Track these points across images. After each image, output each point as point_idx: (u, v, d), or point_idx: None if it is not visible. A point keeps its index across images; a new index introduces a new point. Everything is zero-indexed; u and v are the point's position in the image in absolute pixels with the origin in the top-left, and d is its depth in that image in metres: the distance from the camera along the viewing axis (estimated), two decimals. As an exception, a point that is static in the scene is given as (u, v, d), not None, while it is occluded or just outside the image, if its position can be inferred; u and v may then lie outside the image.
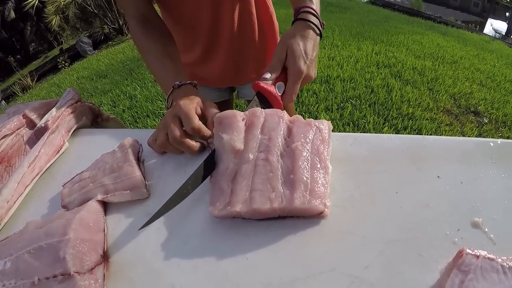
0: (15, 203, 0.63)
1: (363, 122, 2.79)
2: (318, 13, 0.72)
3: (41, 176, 0.69)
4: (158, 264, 0.48)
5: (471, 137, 0.59)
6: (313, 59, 0.68)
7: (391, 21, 6.38)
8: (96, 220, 0.53)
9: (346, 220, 0.49)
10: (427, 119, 2.90)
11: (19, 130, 0.76)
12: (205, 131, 0.60)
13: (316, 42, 0.69)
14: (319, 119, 0.58)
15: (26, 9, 9.51)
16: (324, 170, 0.51)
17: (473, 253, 0.39)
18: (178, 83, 0.68)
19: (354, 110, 2.96)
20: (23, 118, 0.78)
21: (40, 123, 0.74)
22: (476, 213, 0.47)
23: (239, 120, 0.57)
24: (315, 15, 0.70)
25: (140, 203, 0.58)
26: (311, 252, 0.46)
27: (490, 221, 0.46)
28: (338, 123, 2.75)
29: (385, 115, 2.90)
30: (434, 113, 3.02)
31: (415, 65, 3.95)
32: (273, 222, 0.50)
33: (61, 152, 0.74)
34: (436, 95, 3.32)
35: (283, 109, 0.63)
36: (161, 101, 3.48)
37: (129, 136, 0.67)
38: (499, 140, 0.57)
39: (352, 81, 3.47)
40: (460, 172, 0.52)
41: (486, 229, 0.45)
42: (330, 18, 6.29)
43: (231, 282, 0.44)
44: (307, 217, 0.49)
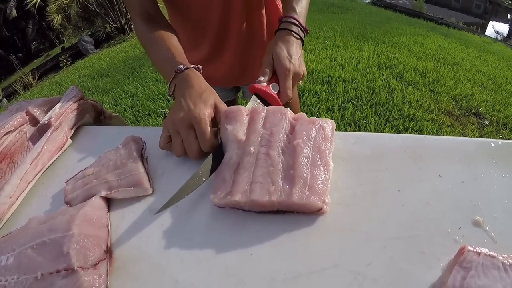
0: (17, 199, 0.63)
1: (364, 122, 2.78)
2: (301, 20, 0.79)
3: (43, 172, 0.69)
4: (162, 260, 0.48)
5: (472, 138, 0.59)
6: (297, 58, 0.74)
7: (393, 22, 6.37)
8: (100, 216, 0.53)
9: (349, 217, 0.49)
10: (428, 120, 2.90)
11: (22, 127, 0.77)
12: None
13: (298, 44, 0.76)
14: (323, 118, 0.59)
15: (28, 7, 9.50)
16: (324, 168, 0.52)
17: (474, 250, 0.39)
18: (181, 67, 0.67)
19: (356, 110, 2.96)
20: (26, 115, 0.78)
21: (43, 120, 0.74)
22: (477, 212, 0.47)
23: (244, 114, 0.60)
24: (295, 23, 0.77)
25: (143, 199, 0.58)
26: (314, 248, 0.46)
27: (491, 220, 0.46)
28: (339, 124, 2.74)
29: (387, 116, 2.90)
30: (435, 115, 3.01)
31: (416, 66, 3.93)
32: (276, 219, 0.50)
33: (64, 149, 0.74)
34: (438, 97, 3.31)
35: (282, 104, 0.69)
36: (162, 100, 3.48)
37: (132, 134, 0.68)
38: (500, 141, 0.57)
39: (354, 81, 3.46)
40: (461, 172, 0.53)
41: (487, 228, 0.45)
42: (332, 18, 6.28)
43: (235, 278, 0.45)
44: (308, 214, 0.50)
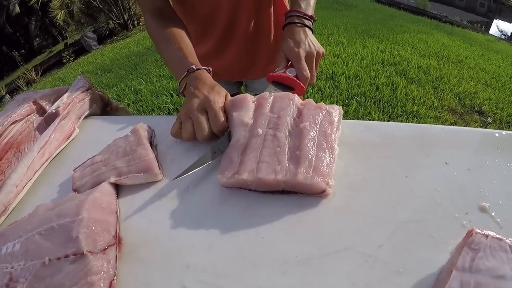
0: (23, 188, 0.63)
1: (368, 119, 2.77)
2: (308, 12, 0.82)
3: (50, 162, 0.69)
4: (172, 245, 0.48)
5: (477, 128, 0.59)
6: (305, 41, 0.77)
7: (397, 19, 6.33)
8: (109, 202, 0.53)
9: (359, 201, 0.50)
10: (431, 117, 2.89)
11: (29, 117, 0.77)
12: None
13: (303, 31, 0.79)
14: (330, 104, 0.60)
15: (31, 3, 9.50)
16: (329, 151, 0.53)
17: (482, 233, 0.40)
18: (194, 67, 0.68)
19: (359, 107, 2.95)
20: (34, 105, 0.79)
21: (51, 109, 0.75)
22: (483, 198, 0.48)
23: (249, 100, 0.62)
24: (297, 15, 0.80)
25: (153, 185, 0.58)
26: (325, 231, 0.47)
27: (497, 206, 0.47)
28: (342, 120, 2.73)
29: (390, 113, 2.89)
30: (439, 112, 3.00)
31: (420, 63, 3.91)
32: (287, 203, 0.51)
33: (71, 138, 0.74)
34: (441, 94, 3.30)
35: (305, 86, 0.72)
36: (166, 95, 3.48)
37: (141, 122, 0.68)
38: (504, 132, 0.58)
39: (357, 78, 3.45)
40: (467, 160, 0.54)
41: (493, 214, 0.46)
42: (335, 15, 6.26)
43: (247, 261, 0.45)
44: (313, 196, 0.51)
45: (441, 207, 0.47)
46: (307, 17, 0.81)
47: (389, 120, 2.77)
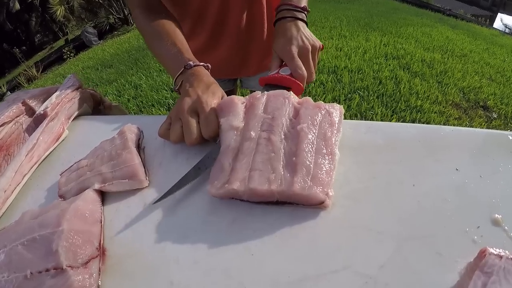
0: (12, 192, 0.60)
1: (371, 113, 2.75)
2: (300, 3, 0.76)
3: (39, 165, 0.67)
4: (156, 259, 0.45)
5: (489, 129, 0.55)
6: (298, 36, 0.71)
7: (400, 12, 6.29)
8: (93, 211, 0.50)
9: (360, 213, 0.45)
10: (435, 112, 2.86)
11: (18, 118, 0.74)
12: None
13: (294, 24, 0.73)
14: (330, 103, 0.56)
15: (30, 0, 9.50)
16: (330, 157, 0.48)
17: (496, 253, 0.36)
18: (191, 63, 0.65)
19: (362, 101, 2.92)
20: (23, 106, 0.76)
21: (39, 110, 0.72)
22: (495, 210, 0.43)
23: (238, 103, 0.57)
24: (287, 9, 0.75)
25: (139, 192, 0.55)
26: (322, 248, 0.42)
27: (510, 219, 0.42)
28: (345, 114, 2.70)
29: (393, 107, 2.86)
30: (443, 107, 2.97)
31: (424, 57, 3.88)
32: (280, 215, 0.47)
33: (60, 140, 0.72)
34: (445, 88, 3.26)
35: (303, 85, 0.66)
36: (166, 90, 3.47)
37: (131, 123, 0.65)
38: (517, 134, 0.54)
39: (360, 72, 3.42)
40: (479, 165, 0.49)
41: (506, 227, 0.41)
42: (338, 8, 6.23)
43: (235, 280, 0.41)
44: (311, 208, 0.46)
45: (450, 220, 0.43)
46: (299, 9, 0.75)
47: (393, 115, 2.75)
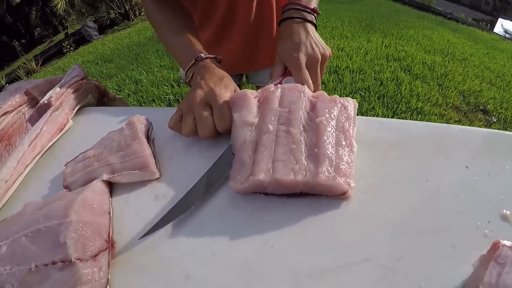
0: (14, 183, 0.59)
1: (372, 114, 2.76)
2: (310, 4, 0.70)
3: (42, 155, 0.66)
4: (170, 252, 0.44)
5: (496, 130, 0.56)
6: (306, 42, 0.66)
7: (401, 14, 6.30)
8: (101, 202, 0.49)
9: (377, 207, 0.46)
10: (435, 114, 2.87)
11: (20, 107, 0.73)
12: None
13: (303, 28, 0.67)
14: (344, 97, 0.55)
15: (31, -8, 9.45)
16: (349, 148, 0.49)
17: (509, 245, 0.37)
18: (202, 55, 0.63)
19: (363, 101, 2.93)
20: (25, 95, 0.75)
21: (43, 99, 0.71)
22: (504, 206, 0.44)
23: (250, 97, 0.55)
24: (296, 8, 0.69)
25: (149, 184, 0.54)
26: (341, 240, 0.43)
27: None
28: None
29: (394, 108, 2.86)
30: (443, 109, 2.98)
31: (425, 60, 3.89)
32: (299, 207, 0.46)
33: (64, 130, 0.70)
34: (446, 91, 3.27)
35: None
36: (166, 86, 3.46)
37: (137, 114, 0.63)
38: (524, 135, 0.54)
39: (361, 72, 3.43)
40: (487, 164, 0.50)
41: None
42: (340, 9, 6.23)
43: (254, 273, 0.41)
44: (331, 199, 0.46)
45: (462, 215, 0.44)
46: (309, 10, 0.70)
47: (393, 116, 2.76)
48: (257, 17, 0.94)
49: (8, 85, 0.80)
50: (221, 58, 0.67)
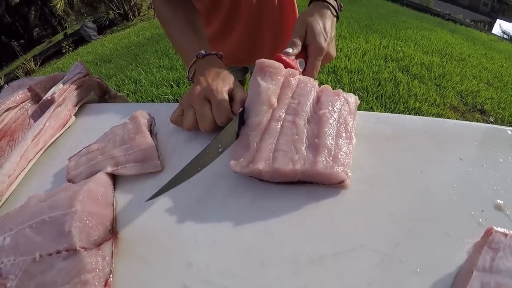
0: (17, 178, 0.60)
1: (370, 114, 2.75)
2: (338, 1, 0.72)
3: (45, 150, 0.67)
4: (173, 240, 0.45)
5: (490, 124, 0.57)
6: (332, 37, 0.67)
7: (400, 15, 6.31)
8: (105, 194, 0.50)
9: (374, 196, 0.47)
10: (433, 114, 2.89)
11: (23, 104, 0.74)
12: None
13: (333, 22, 0.69)
14: (347, 92, 0.57)
15: (30, -8, 9.44)
16: (348, 140, 0.51)
17: (501, 231, 0.39)
18: (203, 52, 0.65)
19: (361, 101, 2.94)
20: (29, 92, 0.76)
21: (47, 95, 0.71)
22: (498, 196, 0.46)
23: (281, 73, 0.56)
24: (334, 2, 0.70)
25: (152, 176, 0.55)
26: (340, 227, 0.44)
27: None
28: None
29: (392, 108, 2.88)
30: (441, 109, 3.00)
31: (423, 60, 3.91)
32: (298, 196, 0.48)
33: (67, 126, 0.71)
34: (443, 91, 3.29)
35: None
36: (166, 86, 3.46)
37: (140, 110, 0.65)
38: (516, 129, 0.56)
39: (360, 73, 3.44)
40: (481, 156, 0.52)
41: (507, 212, 0.44)
42: (338, 10, 6.23)
43: (255, 259, 0.42)
44: (330, 188, 0.48)
45: (457, 204, 0.45)
46: (338, 4, 0.72)
47: (391, 116, 2.75)
48: (259, 11, 0.95)
49: (7, 85, 0.81)
50: (222, 54, 0.68)
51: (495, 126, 0.57)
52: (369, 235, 0.43)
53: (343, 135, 0.51)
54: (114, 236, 0.47)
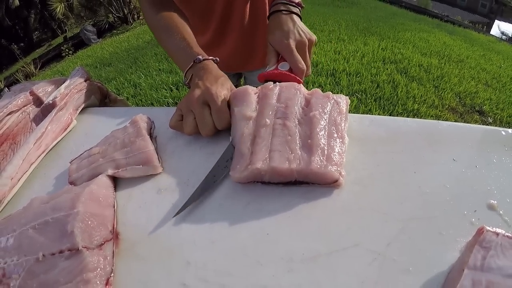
0: (19, 180, 0.61)
1: (369, 116, 2.76)
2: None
3: (47, 154, 0.67)
4: (172, 241, 0.47)
5: (483, 126, 0.58)
6: (294, 29, 0.72)
7: (398, 17, 6.33)
8: (106, 195, 0.51)
9: (367, 197, 0.48)
10: (432, 116, 2.89)
11: (25, 107, 0.75)
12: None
13: (289, 18, 0.73)
14: (337, 94, 0.59)
15: (30, -4, 9.47)
16: (340, 140, 0.52)
17: (493, 230, 0.39)
18: (200, 57, 0.66)
19: (360, 104, 2.95)
20: (30, 95, 0.76)
21: (48, 99, 0.72)
22: (491, 196, 0.46)
23: (251, 93, 0.59)
24: (282, 2, 0.76)
25: (152, 178, 0.56)
26: (333, 227, 0.45)
27: (505, 205, 0.45)
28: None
29: (391, 110, 2.88)
30: (439, 111, 3.01)
31: (421, 62, 3.91)
32: (293, 197, 0.49)
33: (68, 129, 0.72)
34: (442, 93, 3.30)
35: (301, 79, 0.67)
36: (165, 89, 3.47)
37: (140, 114, 0.66)
38: (510, 130, 0.56)
39: (358, 75, 3.45)
40: (475, 157, 0.52)
41: (501, 212, 0.45)
42: (337, 12, 6.25)
43: (251, 258, 0.43)
44: (324, 188, 0.49)
45: (449, 204, 0.46)
46: (294, 3, 0.76)
47: (390, 118, 2.76)
48: (251, 19, 0.97)
49: (7, 88, 0.82)
50: (218, 59, 0.69)
51: (489, 127, 0.57)
52: (362, 234, 0.44)
53: (335, 135, 0.52)
54: (115, 237, 0.48)
